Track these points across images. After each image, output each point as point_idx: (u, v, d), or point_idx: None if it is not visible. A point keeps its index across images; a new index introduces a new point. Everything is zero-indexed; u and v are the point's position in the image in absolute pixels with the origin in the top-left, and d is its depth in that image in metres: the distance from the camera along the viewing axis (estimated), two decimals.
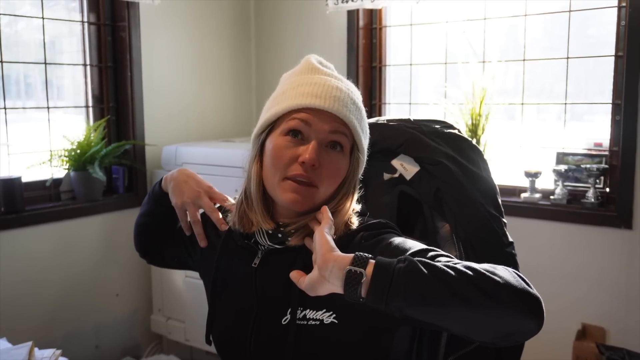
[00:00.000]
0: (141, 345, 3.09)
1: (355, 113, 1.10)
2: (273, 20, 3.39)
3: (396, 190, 1.32)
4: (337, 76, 1.14)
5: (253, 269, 1.14)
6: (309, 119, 1.07)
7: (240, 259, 1.17)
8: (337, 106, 1.07)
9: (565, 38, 2.58)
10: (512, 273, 0.89)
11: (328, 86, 1.09)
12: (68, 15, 2.81)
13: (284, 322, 1.07)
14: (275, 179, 1.07)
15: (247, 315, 1.13)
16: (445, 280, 0.84)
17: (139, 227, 1.43)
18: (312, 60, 1.16)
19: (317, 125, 1.07)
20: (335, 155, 1.08)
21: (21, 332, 2.41)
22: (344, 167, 1.10)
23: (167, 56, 3.06)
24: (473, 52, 2.79)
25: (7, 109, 2.56)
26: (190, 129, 3.20)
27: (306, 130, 1.07)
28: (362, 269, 0.87)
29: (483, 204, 1.23)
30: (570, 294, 2.54)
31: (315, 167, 1.04)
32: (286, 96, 1.10)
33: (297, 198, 1.05)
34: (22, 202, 2.51)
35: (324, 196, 1.08)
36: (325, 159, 1.06)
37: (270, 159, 1.08)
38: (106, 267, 2.89)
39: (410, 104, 3.04)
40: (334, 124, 1.07)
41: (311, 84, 1.09)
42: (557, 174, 2.55)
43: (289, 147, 1.07)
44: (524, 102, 2.72)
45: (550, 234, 2.57)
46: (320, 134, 1.07)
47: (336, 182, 1.09)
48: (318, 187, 1.06)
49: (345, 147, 1.09)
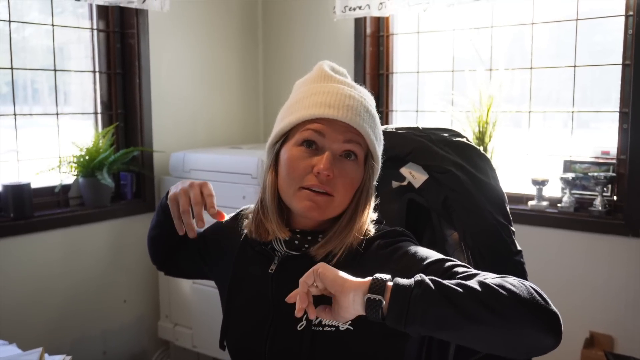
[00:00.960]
0: (148, 352, 3.10)
1: (369, 121, 1.10)
2: (280, 27, 3.41)
3: (404, 198, 1.33)
4: (350, 83, 1.15)
5: (269, 274, 1.14)
6: (322, 129, 1.08)
7: (256, 265, 1.18)
8: (351, 115, 1.07)
9: (572, 46, 2.59)
10: (529, 288, 0.88)
11: (341, 95, 1.09)
12: (76, 22, 2.84)
13: (300, 328, 1.07)
14: (291, 189, 1.09)
15: (263, 321, 1.14)
16: (460, 305, 0.84)
17: (151, 240, 1.42)
18: (325, 68, 1.16)
19: (331, 135, 1.08)
20: (349, 165, 1.09)
21: (30, 338, 2.42)
22: (359, 175, 1.10)
23: (175, 63, 3.08)
24: (480, 60, 2.80)
25: (16, 115, 2.58)
26: (198, 136, 3.22)
27: (320, 141, 1.08)
28: (380, 295, 0.87)
29: (491, 212, 1.23)
30: (578, 302, 2.53)
31: (330, 177, 1.05)
32: (300, 106, 1.11)
33: (313, 206, 1.06)
34: (31, 208, 2.53)
35: (340, 205, 1.09)
36: (339, 169, 1.07)
37: (286, 169, 1.09)
38: (114, 273, 2.90)
39: (417, 112, 3.04)
40: (348, 134, 1.08)
41: (324, 93, 1.10)
42: (565, 181, 2.55)
43: (303, 157, 1.08)
44: (531, 109, 2.72)
45: (557, 242, 2.56)
46: (334, 144, 1.08)
47: (352, 191, 1.10)
48: (334, 195, 1.07)
49: (359, 156, 1.10)
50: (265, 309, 1.14)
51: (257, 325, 1.15)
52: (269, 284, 1.14)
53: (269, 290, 1.14)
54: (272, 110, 3.42)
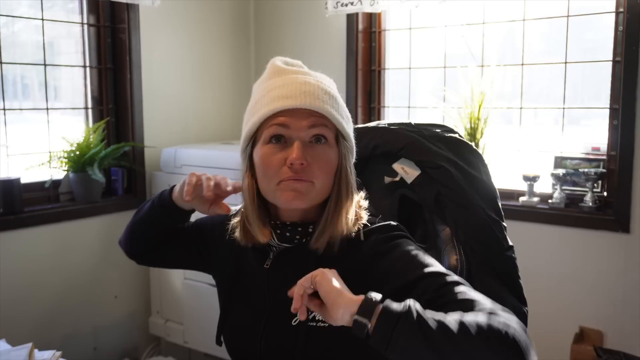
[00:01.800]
0: (139, 347, 3.09)
1: (329, 102, 1.10)
2: (272, 23, 3.40)
3: (397, 194, 1.33)
4: (305, 72, 1.15)
5: (265, 270, 1.15)
6: (285, 121, 1.08)
7: (253, 260, 1.19)
8: (310, 100, 1.08)
9: (562, 42, 2.60)
10: (514, 334, 0.87)
11: (296, 83, 1.10)
12: (66, 17, 2.82)
13: (294, 323, 1.08)
14: (270, 186, 1.09)
15: (259, 316, 1.15)
16: (438, 348, 0.85)
17: (135, 233, 1.39)
18: (277, 63, 1.17)
19: (295, 124, 1.08)
20: (321, 148, 1.09)
21: (20, 334, 2.41)
22: (334, 157, 1.10)
23: (166, 58, 3.07)
24: (472, 56, 2.80)
25: (5, 110, 2.56)
26: (190, 132, 3.21)
27: (286, 133, 1.08)
28: (367, 319, 0.90)
29: (483, 207, 1.24)
30: (568, 297, 2.55)
31: (304, 165, 1.05)
32: (259, 105, 1.11)
33: (295, 195, 1.06)
34: (21, 203, 2.51)
35: (322, 189, 1.09)
36: (312, 155, 1.07)
37: (261, 169, 1.10)
38: (105, 269, 2.89)
39: (409, 108, 3.05)
40: (311, 118, 1.08)
41: (279, 87, 1.10)
42: (555, 177, 2.56)
43: (274, 153, 1.08)
44: (522, 106, 2.73)
45: (548, 238, 2.58)
46: (301, 132, 1.08)
47: (330, 174, 1.10)
48: (313, 182, 1.07)
49: (329, 138, 1.10)
50: (261, 304, 1.15)
51: (253, 320, 1.16)
52: (264, 278, 1.15)
53: (264, 285, 1.15)
54: None
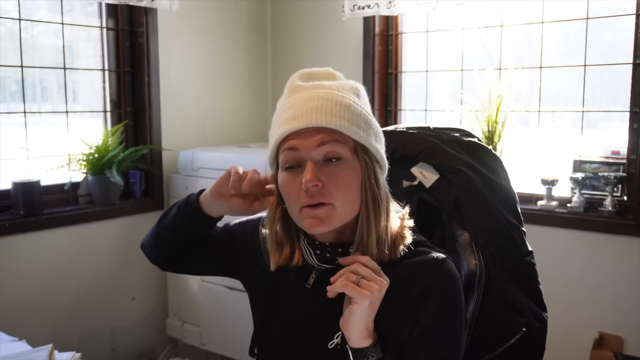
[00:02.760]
0: (156, 349, 3.11)
1: (339, 113, 1.02)
2: (289, 26, 3.41)
3: (415, 198, 1.33)
4: (319, 84, 1.07)
5: (307, 289, 1.12)
6: (295, 144, 1.03)
7: (293, 276, 1.15)
8: (315, 117, 1.01)
9: (580, 45, 2.58)
10: None
11: (304, 102, 1.04)
12: (85, 21, 2.85)
13: (330, 346, 1.06)
14: (294, 214, 1.05)
15: (296, 334, 1.12)
16: None
17: (162, 240, 1.31)
18: (294, 80, 1.10)
19: (304, 145, 1.02)
20: (336, 166, 1.02)
21: (39, 335, 2.43)
22: (352, 174, 1.03)
23: (184, 62, 3.09)
24: (489, 59, 2.79)
25: (26, 113, 2.59)
26: (207, 134, 3.22)
27: (298, 157, 1.03)
28: None
29: (502, 212, 1.23)
30: (587, 303, 2.52)
31: (319, 186, 1.00)
32: (274, 130, 1.08)
33: (315, 222, 1.02)
34: (40, 205, 2.54)
35: (346, 209, 1.04)
36: (327, 174, 1.02)
37: (284, 197, 1.07)
38: (123, 271, 2.91)
39: (426, 111, 3.04)
40: (319, 135, 1.01)
41: (290, 107, 1.05)
42: (574, 181, 2.54)
43: (292, 180, 1.04)
44: (540, 109, 2.71)
45: (567, 242, 2.55)
46: (311, 152, 1.02)
47: (351, 191, 1.03)
48: (332, 203, 1.02)
49: (343, 153, 1.03)
50: (299, 322, 1.12)
51: (289, 337, 1.13)
52: (306, 297, 1.12)
53: (304, 303, 1.12)
54: None
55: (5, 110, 2.58)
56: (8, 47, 2.60)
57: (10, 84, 2.69)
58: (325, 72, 1.11)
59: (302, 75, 1.10)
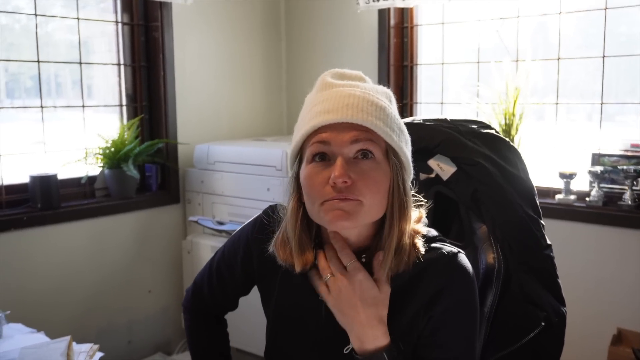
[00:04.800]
0: (172, 342, 3.13)
1: (375, 113, 0.99)
2: (303, 19, 3.40)
3: (432, 191, 1.32)
4: (353, 84, 1.05)
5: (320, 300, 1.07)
6: (327, 137, 0.99)
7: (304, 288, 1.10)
8: (351, 112, 0.98)
9: (596, 37, 2.54)
10: None
11: (339, 97, 1.00)
12: (100, 16, 2.86)
13: (346, 352, 1.04)
14: (315, 207, 1.00)
15: (311, 342, 1.11)
16: None
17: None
18: (326, 77, 1.07)
19: (336, 140, 0.99)
20: (367, 164, 0.99)
21: (57, 327, 2.45)
22: (382, 174, 1.00)
23: (199, 56, 3.09)
24: (506, 51, 2.76)
25: (43, 107, 2.61)
26: (222, 128, 3.23)
27: (329, 150, 1.00)
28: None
29: (521, 205, 1.21)
30: (605, 298, 2.49)
31: (348, 183, 0.97)
32: (302, 123, 1.04)
33: (341, 214, 0.97)
34: (57, 199, 2.56)
35: (373, 208, 1.00)
36: (357, 172, 0.98)
37: (306, 189, 1.02)
38: (139, 264, 2.93)
39: (442, 104, 3.02)
40: (353, 132, 0.99)
41: (322, 101, 1.02)
42: (593, 175, 2.50)
43: (318, 172, 1.00)
44: (558, 101, 2.67)
45: (585, 237, 2.52)
46: (343, 147, 0.99)
47: (379, 192, 1.00)
48: (361, 200, 0.98)
49: (376, 153, 1.00)
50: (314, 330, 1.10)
51: (305, 346, 1.12)
52: (320, 309, 1.08)
53: (319, 312, 1.08)
54: (295, 103, 3.42)
55: (21, 106, 2.60)
56: (23, 44, 2.62)
57: (25, 80, 2.71)
58: (356, 74, 1.09)
59: (334, 74, 1.08)
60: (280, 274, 1.14)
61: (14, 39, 2.63)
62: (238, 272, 1.23)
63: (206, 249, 2.87)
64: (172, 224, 3.04)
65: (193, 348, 1.32)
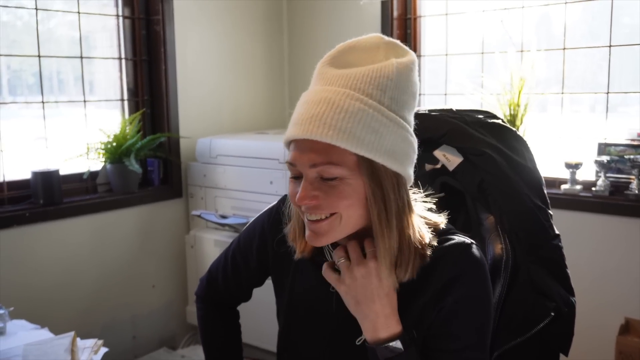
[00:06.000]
0: (177, 337, 3.12)
1: (340, 124, 0.90)
2: (306, 12, 3.37)
3: (438, 182, 1.30)
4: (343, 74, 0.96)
5: (331, 292, 1.08)
6: (292, 159, 0.96)
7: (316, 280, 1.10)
8: (312, 129, 0.91)
9: (599, 27, 2.53)
10: None
11: (311, 103, 0.94)
12: (101, 10, 2.84)
13: (358, 343, 1.03)
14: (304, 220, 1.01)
15: (323, 335, 1.10)
16: None
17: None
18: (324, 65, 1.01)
19: (299, 161, 0.95)
20: (332, 187, 0.95)
21: (61, 323, 2.45)
22: (352, 189, 0.95)
23: (200, 49, 3.07)
24: (511, 41, 2.73)
25: (44, 102, 2.60)
26: (224, 122, 3.21)
27: (297, 170, 0.97)
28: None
29: (529, 195, 1.20)
30: (612, 288, 2.48)
31: (313, 203, 0.95)
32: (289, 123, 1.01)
33: (313, 236, 0.98)
34: (60, 194, 2.55)
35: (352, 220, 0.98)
36: (324, 190, 0.95)
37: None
38: (142, 259, 2.92)
39: (446, 95, 3.00)
40: (311, 155, 0.93)
41: (301, 105, 0.97)
42: (599, 164, 2.48)
43: (295, 187, 0.99)
44: (563, 92, 2.65)
45: (591, 227, 2.51)
46: (305, 169, 0.95)
47: (352, 204, 0.96)
48: (336, 212, 0.96)
49: (340, 171, 0.93)
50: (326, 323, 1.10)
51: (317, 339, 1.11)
52: (330, 300, 1.08)
53: (330, 306, 1.08)
54: (297, 96, 3.35)
55: (23, 102, 2.59)
56: (25, 40, 2.60)
57: (27, 76, 2.70)
58: (368, 45, 0.99)
59: (335, 57, 1.00)
60: (293, 266, 1.14)
61: (16, 36, 2.62)
62: (253, 262, 1.23)
63: (209, 243, 2.86)
64: (174, 219, 3.03)
65: (205, 338, 1.31)
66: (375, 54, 0.99)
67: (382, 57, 0.98)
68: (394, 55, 0.98)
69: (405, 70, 0.96)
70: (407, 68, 0.97)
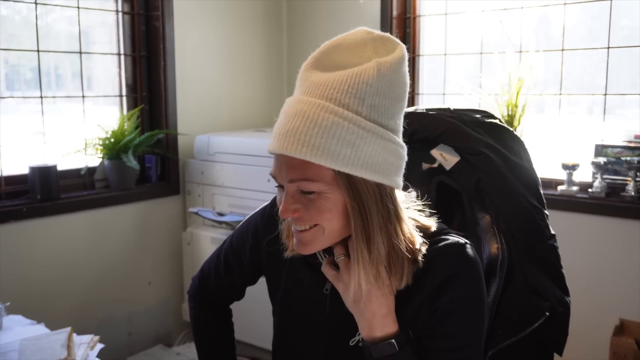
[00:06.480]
0: (172, 334, 3.12)
1: (314, 140, 0.89)
2: (305, 10, 3.37)
3: (435, 181, 1.30)
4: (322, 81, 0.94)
5: (325, 294, 1.09)
6: (273, 171, 0.97)
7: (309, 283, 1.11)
8: (287, 144, 0.90)
9: (598, 28, 2.53)
10: None
11: (288, 117, 0.93)
12: (100, 5, 2.83)
13: (352, 344, 1.04)
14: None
15: (318, 336, 1.11)
16: None
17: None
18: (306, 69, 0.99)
19: (279, 176, 0.96)
20: (311, 201, 0.95)
21: (57, 319, 2.45)
22: (330, 203, 0.94)
23: (199, 46, 3.07)
24: (509, 42, 2.74)
25: (42, 97, 2.59)
26: (222, 119, 3.21)
27: (279, 182, 0.98)
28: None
29: (525, 195, 1.20)
30: (608, 289, 2.48)
31: (295, 215, 0.95)
32: None
33: (299, 244, 0.99)
34: (57, 190, 2.55)
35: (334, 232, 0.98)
36: (304, 203, 0.95)
37: None
38: (139, 256, 2.92)
39: (444, 95, 3.00)
40: (289, 171, 0.93)
41: (280, 115, 0.96)
42: (596, 166, 2.49)
43: (281, 197, 0.99)
44: (561, 93, 2.65)
45: (588, 228, 2.51)
46: (284, 183, 0.95)
47: (333, 217, 0.95)
48: (318, 224, 0.96)
49: (317, 188, 0.93)
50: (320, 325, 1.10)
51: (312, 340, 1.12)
52: (323, 302, 1.09)
53: (324, 307, 1.09)
54: None
55: (21, 97, 2.59)
56: (23, 35, 2.60)
57: (25, 72, 2.69)
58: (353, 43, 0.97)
59: (319, 58, 0.98)
60: (287, 266, 1.14)
61: (15, 30, 2.61)
62: (246, 261, 1.23)
63: (206, 241, 2.86)
64: (172, 216, 3.03)
65: (198, 337, 1.31)
66: (362, 51, 0.96)
67: (370, 53, 0.95)
68: (382, 51, 0.95)
69: (388, 72, 0.92)
70: (391, 68, 0.92)
